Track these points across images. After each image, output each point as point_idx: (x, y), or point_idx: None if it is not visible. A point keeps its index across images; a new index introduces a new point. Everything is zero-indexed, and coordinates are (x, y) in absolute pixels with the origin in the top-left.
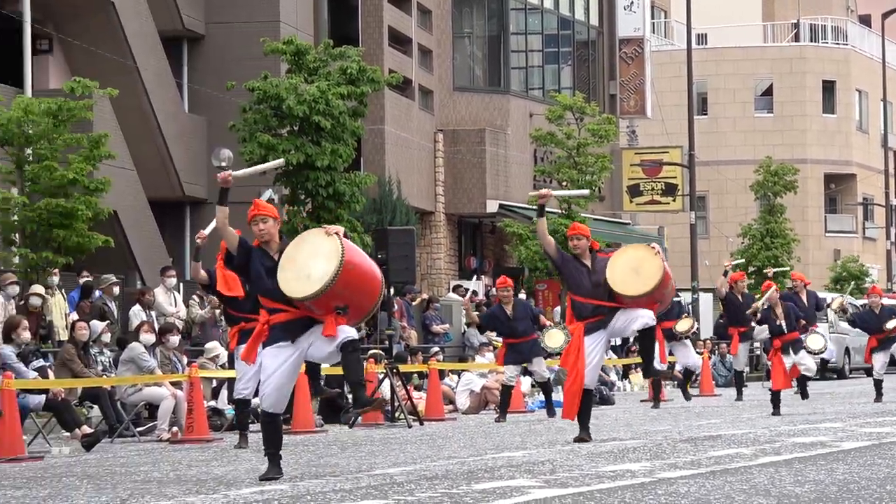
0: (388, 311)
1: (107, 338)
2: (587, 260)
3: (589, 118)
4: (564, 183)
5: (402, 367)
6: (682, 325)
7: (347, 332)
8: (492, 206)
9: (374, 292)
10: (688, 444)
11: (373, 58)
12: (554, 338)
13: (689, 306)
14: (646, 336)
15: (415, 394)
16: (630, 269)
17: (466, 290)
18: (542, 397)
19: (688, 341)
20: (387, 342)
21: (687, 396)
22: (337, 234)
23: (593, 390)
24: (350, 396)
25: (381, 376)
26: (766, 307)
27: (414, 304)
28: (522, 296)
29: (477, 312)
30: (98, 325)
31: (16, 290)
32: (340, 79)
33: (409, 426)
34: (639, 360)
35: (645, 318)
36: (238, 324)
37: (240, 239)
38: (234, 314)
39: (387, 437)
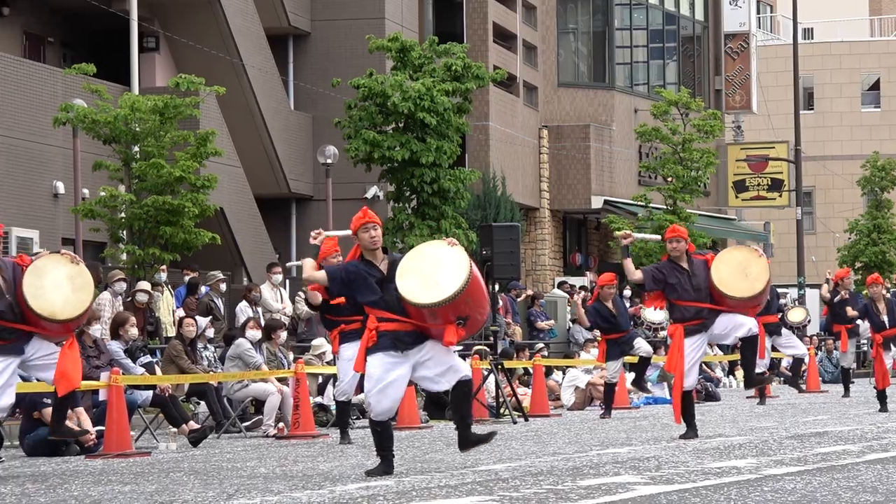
0: (492, 308)
1: (210, 333)
2: (684, 263)
3: (694, 113)
4: (669, 179)
5: (507, 364)
6: (796, 316)
7: (464, 371)
8: (596, 202)
9: (487, 307)
10: (794, 440)
11: (477, 54)
12: (654, 312)
13: (796, 302)
14: (748, 345)
15: (520, 390)
16: (738, 271)
17: (572, 286)
18: (650, 394)
19: (789, 332)
20: (492, 338)
21: (799, 388)
22: (458, 245)
23: (694, 390)
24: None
25: (486, 373)
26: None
27: (519, 300)
28: (627, 292)
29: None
30: (202, 320)
31: (123, 286)
32: (445, 75)
33: (514, 422)
34: None
35: (748, 325)
36: (338, 326)
37: (329, 272)
38: (331, 318)
39: None
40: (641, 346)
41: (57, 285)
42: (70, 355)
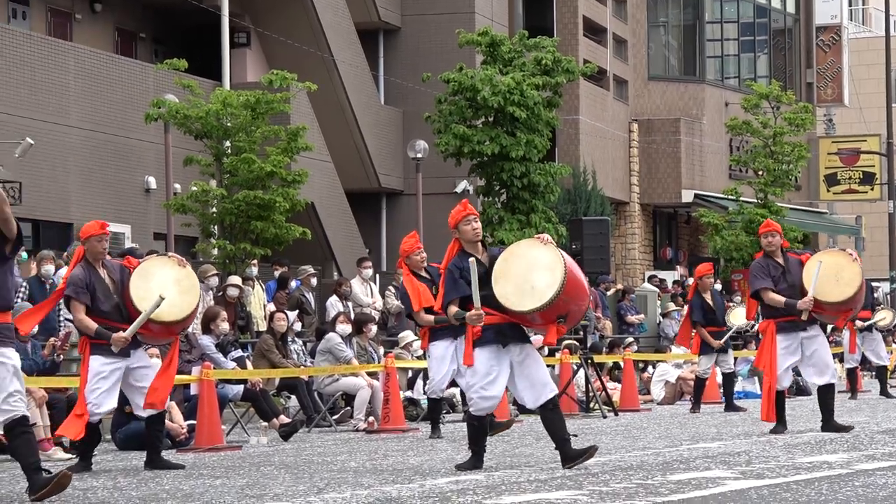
0: None
1: (297, 327)
2: (779, 259)
3: (785, 107)
4: (760, 172)
5: (597, 358)
6: (882, 318)
7: (550, 391)
8: (687, 196)
9: (587, 298)
10: (886, 435)
11: (567, 48)
12: (738, 315)
13: (888, 297)
14: (827, 392)
15: (609, 384)
16: (829, 275)
17: (662, 280)
18: (741, 387)
19: (879, 335)
20: (581, 332)
21: (889, 394)
22: (550, 242)
23: (786, 390)
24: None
25: (575, 367)
26: None
27: (609, 294)
28: (718, 286)
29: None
30: (291, 315)
31: (215, 281)
32: (535, 69)
33: (604, 416)
34: (838, 349)
35: (829, 374)
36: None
37: (459, 292)
38: None
39: (582, 427)
40: (727, 360)
41: (163, 288)
42: (167, 375)
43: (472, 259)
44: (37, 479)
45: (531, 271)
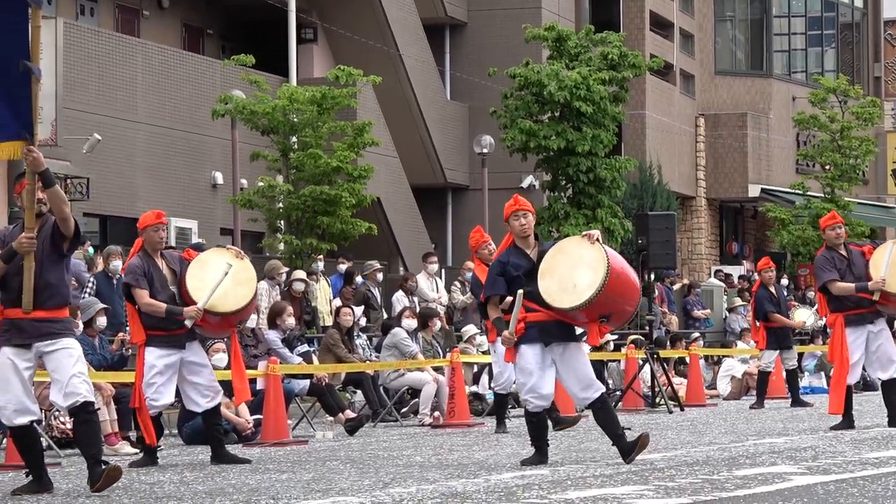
0: (648, 297)
1: (363, 322)
2: (843, 251)
3: (853, 101)
4: (827, 167)
5: (663, 353)
6: None
7: (595, 390)
8: (753, 191)
9: (635, 297)
10: None
11: (634, 43)
12: (801, 315)
13: None
14: (891, 387)
15: (675, 379)
16: (895, 266)
17: (728, 275)
18: (807, 382)
19: None
20: (647, 327)
21: None
22: (598, 240)
23: (853, 384)
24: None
25: (641, 362)
26: None
27: (675, 289)
28: (784, 281)
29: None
30: (357, 310)
31: (283, 277)
32: (601, 64)
33: (670, 412)
34: None
35: (893, 371)
36: None
37: (503, 291)
38: None
39: (647, 422)
40: (790, 356)
41: (219, 278)
42: (237, 368)
43: (520, 290)
44: (95, 472)
45: (575, 269)
